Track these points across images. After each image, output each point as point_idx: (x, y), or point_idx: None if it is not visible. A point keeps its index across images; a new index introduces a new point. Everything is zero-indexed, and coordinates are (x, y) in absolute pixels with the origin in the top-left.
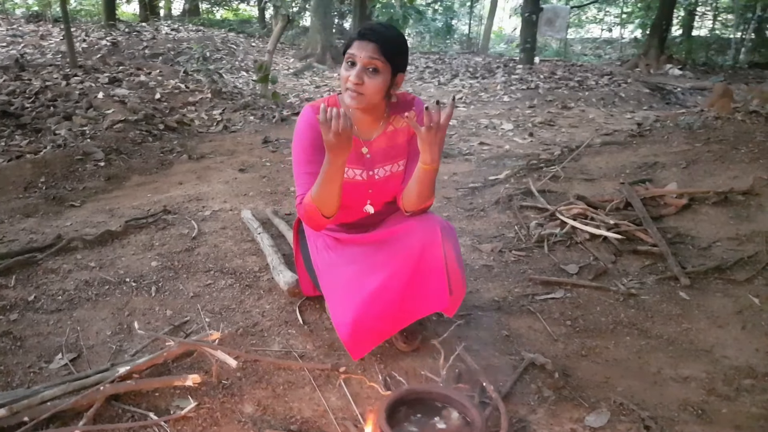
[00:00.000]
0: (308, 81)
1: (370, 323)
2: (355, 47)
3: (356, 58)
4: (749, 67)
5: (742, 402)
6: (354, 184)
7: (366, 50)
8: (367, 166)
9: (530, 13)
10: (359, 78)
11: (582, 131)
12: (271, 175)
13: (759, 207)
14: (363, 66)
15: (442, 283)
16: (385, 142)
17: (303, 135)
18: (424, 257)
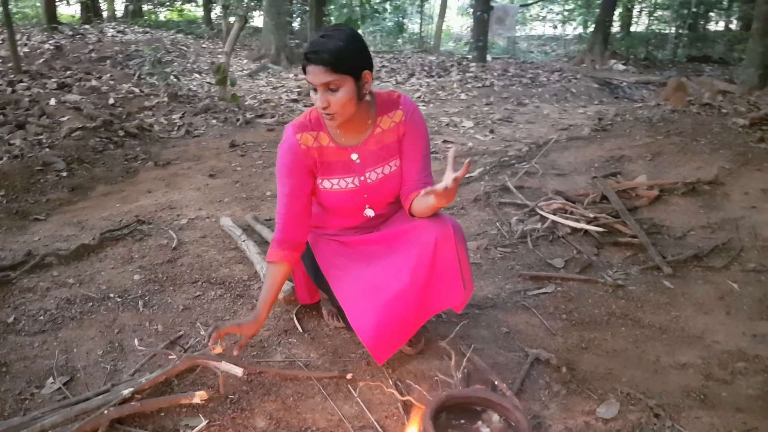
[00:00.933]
0: (264, 82)
1: (392, 326)
2: (308, 72)
3: (314, 84)
4: (687, 61)
5: (738, 385)
6: (348, 192)
7: (317, 74)
8: (358, 172)
9: (482, 12)
10: (324, 102)
11: (539, 127)
12: (244, 180)
13: (725, 196)
14: (323, 90)
15: (457, 280)
16: (374, 145)
17: (282, 158)
18: (439, 254)
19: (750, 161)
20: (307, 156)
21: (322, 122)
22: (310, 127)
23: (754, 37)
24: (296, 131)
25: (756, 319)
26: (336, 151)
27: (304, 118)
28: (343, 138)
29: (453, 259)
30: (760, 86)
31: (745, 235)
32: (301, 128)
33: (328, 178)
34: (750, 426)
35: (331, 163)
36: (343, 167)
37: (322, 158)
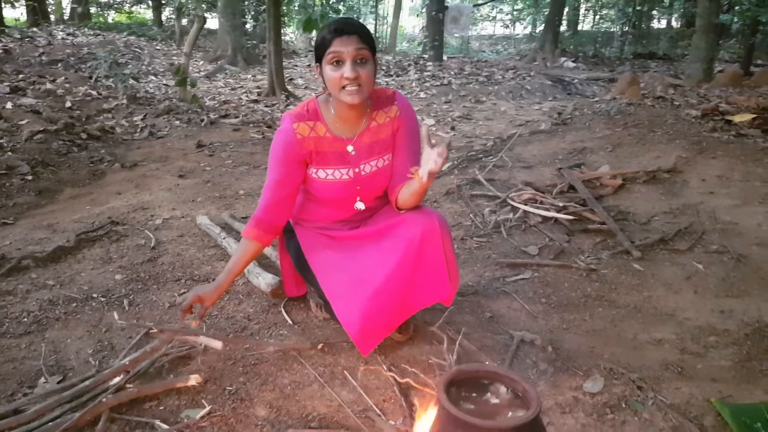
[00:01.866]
0: (222, 83)
1: (377, 318)
2: (337, 44)
3: (343, 55)
4: (634, 58)
5: (711, 357)
6: (341, 183)
7: (350, 44)
8: (353, 164)
9: (437, 12)
10: (355, 72)
11: (498, 123)
12: (215, 180)
13: (684, 183)
14: (352, 60)
15: (442, 273)
16: (369, 138)
17: (276, 145)
18: (424, 248)
19: (705, 150)
20: (302, 146)
21: (319, 112)
22: (308, 116)
23: (698, 34)
24: (293, 120)
25: (722, 297)
26: (332, 142)
27: (301, 108)
28: (340, 129)
29: (439, 253)
30: (705, 80)
31: (706, 219)
32: (299, 117)
33: (323, 168)
34: (725, 394)
35: (326, 153)
36: (338, 158)
37: (317, 148)
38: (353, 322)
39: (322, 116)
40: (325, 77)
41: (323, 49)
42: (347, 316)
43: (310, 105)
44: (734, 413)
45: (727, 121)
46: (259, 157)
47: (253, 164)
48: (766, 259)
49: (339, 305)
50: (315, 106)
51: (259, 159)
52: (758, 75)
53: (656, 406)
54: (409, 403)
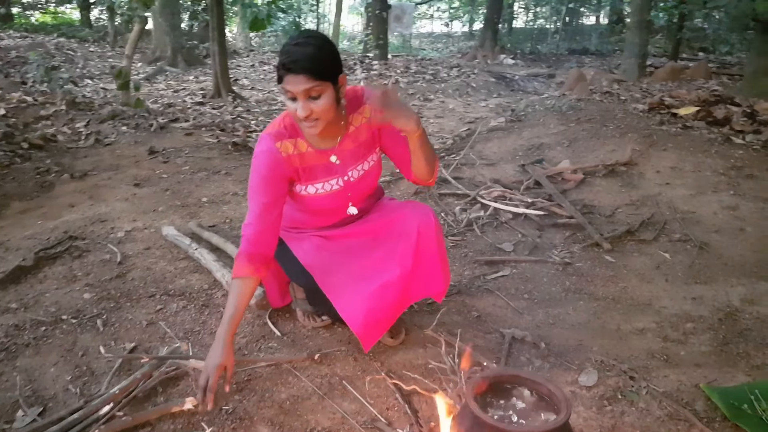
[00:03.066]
0: (164, 85)
1: (380, 314)
2: (287, 82)
3: (294, 93)
4: (569, 54)
5: (692, 343)
6: (332, 194)
7: (298, 83)
8: (340, 173)
9: (380, 10)
10: (307, 110)
11: (448, 121)
12: (174, 188)
13: (640, 175)
14: (304, 98)
15: (437, 266)
16: (351, 144)
17: (260, 167)
18: (421, 242)
19: (656, 142)
20: (289, 164)
21: (297, 128)
22: (287, 134)
23: (631, 30)
24: (275, 140)
25: (691, 284)
26: (315, 156)
27: (279, 127)
28: (320, 142)
29: (434, 247)
30: (639, 75)
31: (666, 209)
32: (279, 136)
33: (312, 184)
34: (710, 378)
35: (312, 168)
36: (325, 170)
37: (303, 164)
38: (357, 318)
39: (301, 132)
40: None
41: (279, 81)
42: (351, 313)
43: (287, 122)
44: (723, 397)
45: (673, 114)
46: (217, 162)
47: (212, 170)
48: (726, 245)
49: (342, 304)
50: (291, 122)
51: (218, 164)
52: (693, 69)
53: (650, 395)
54: (413, 410)
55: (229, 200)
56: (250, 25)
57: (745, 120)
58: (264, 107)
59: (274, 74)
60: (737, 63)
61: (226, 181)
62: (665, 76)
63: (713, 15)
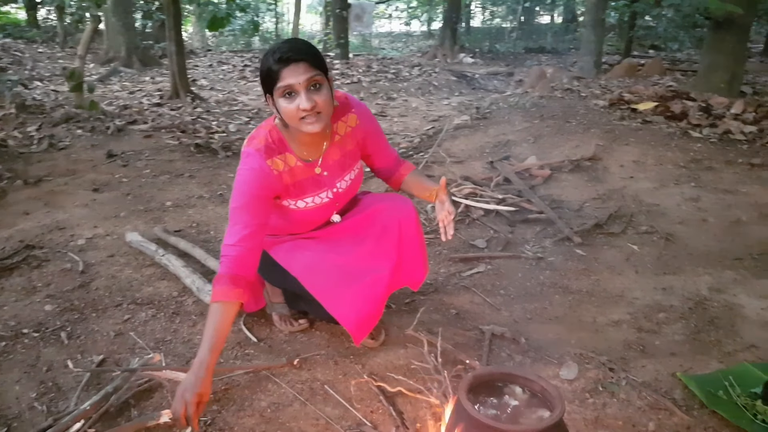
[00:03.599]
0: (118, 87)
1: (370, 308)
2: (286, 76)
3: (295, 86)
4: (526, 52)
5: (666, 333)
6: (321, 207)
7: (300, 72)
8: (329, 185)
9: (341, 10)
10: (311, 101)
11: (412, 119)
12: (135, 192)
13: (605, 169)
14: (306, 89)
15: (419, 256)
16: (336, 154)
17: (250, 185)
18: (404, 234)
19: (618, 137)
20: (279, 181)
21: (285, 142)
22: (277, 150)
23: (587, 28)
24: (266, 156)
25: (660, 274)
26: (304, 170)
27: (267, 142)
28: (306, 153)
29: (415, 237)
30: (596, 72)
31: (631, 202)
32: (270, 152)
33: (302, 198)
34: (686, 367)
35: (302, 182)
36: (313, 184)
37: (293, 180)
38: (349, 315)
39: (289, 145)
40: (280, 110)
41: (272, 81)
42: (341, 310)
43: (274, 135)
44: (699, 384)
45: (632, 110)
46: (180, 165)
47: (175, 173)
48: (690, 236)
49: (332, 303)
50: (279, 136)
51: (180, 167)
52: (648, 66)
53: (630, 386)
54: (398, 411)
55: (194, 203)
56: (208, 24)
57: (701, 114)
58: (224, 108)
59: (233, 74)
60: (687, 60)
61: (191, 184)
62: (622, 73)
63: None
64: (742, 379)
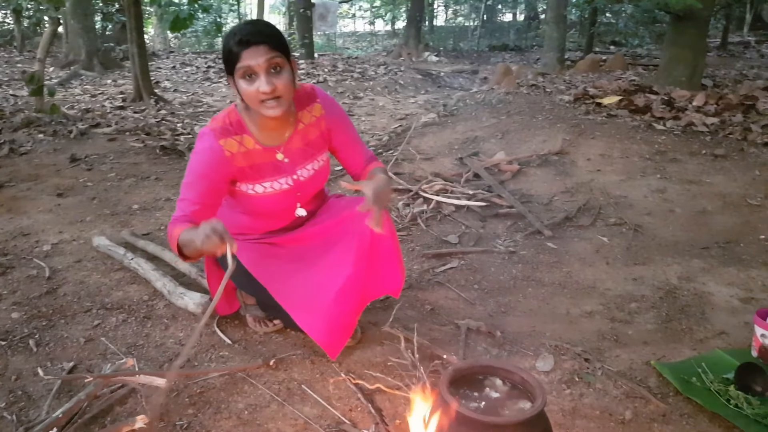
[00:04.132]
0: (80, 90)
1: (342, 320)
2: (246, 57)
3: (254, 68)
4: (489, 50)
5: (638, 323)
6: (281, 194)
7: (260, 54)
8: (289, 172)
9: (305, 9)
10: (271, 84)
11: (380, 118)
12: (101, 196)
13: (572, 163)
14: (266, 71)
15: (394, 265)
16: (299, 142)
17: (198, 164)
18: (376, 241)
19: (584, 132)
20: (231, 164)
21: (244, 125)
22: (233, 131)
23: (550, 25)
24: (219, 136)
25: (630, 265)
26: (263, 153)
27: (223, 122)
28: (267, 138)
29: (389, 243)
30: (560, 68)
31: (599, 195)
32: (224, 133)
33: (260, 183)
34: (659, 355)
35: (259, 166)
36: (273, 169)
37: (250, 162)
38: (320, 328)
39: (248, 128)
40: (240, 92)
41: (232, 63)
42: (312, 323)
43: (232, 117)
44: (673, 372)
45: (597, 104)
46: (146, 167)
47: (141, 175)
48: (658, 226)
49: (300, 315)
50: (238, 118)
51: (146, 169)
52: (611, 61)
53: (606, 376)
54: (377, 408)
55: (162, 206)
56: (170, 26)
57: (664, 107)
58: (189, 109)
59: (197, 76)
60: (648, 55)
61: (158, 187)
62: (586, 68)
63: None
64: (714, 365)
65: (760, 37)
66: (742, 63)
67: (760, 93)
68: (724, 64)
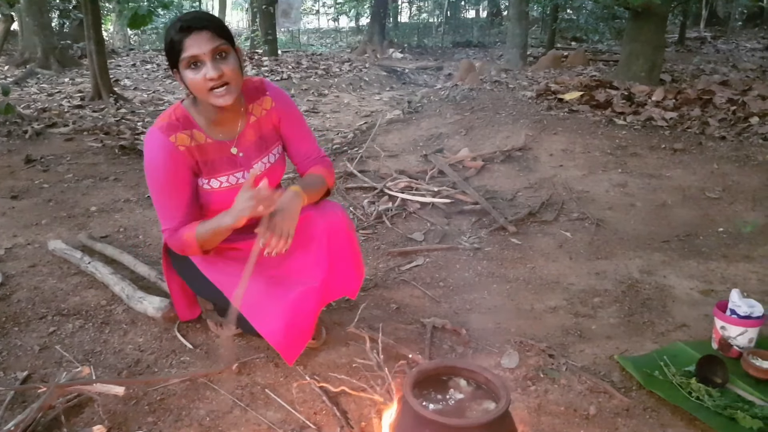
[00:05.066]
0: (36, 89)
1: (300, 325)
2: (189, 45)
3: (199, 56)
4: (453, 47)
5: (601, 317)
6: (238, 188)
7: (204, 41)
8: (245, 166)
9: (267, 5)
10: (218, 70)
11: (345, 115)
12: (57, 198)
13: (535, 159)
14: (212, 58)
15: (353, 266)
16: (253, 135)
17: (161, 164)
18: (334, 243)
19: (546, 127)
20: (189, 156)
21: (191, 119)
22: (181, 126)
23: (512, 22)
24: (167, 133)
25: (593, 259)
26: (216, 147)
27: (169, 119)
28: (218, 132)
29: (346, 246)
30: (522, 64)
31: (562, 190)
32: (171, 128)
33: (215, 177)
34: (622, 349)
35: (213, 161)
36: (228, 163)
37: (204, 157)
38: (276, 332)
39: (196, 122)
40: (187, 83)
41: (176, 53)
42: (269, 327)
43: (178, 113)
44: (636, 366)
45: (559, 100)
46: (104, 168)
47: (99, 176)
48: (620, 221)
49: (257, 318)
50: (184, 113)
51: (105, 170)
52: (572, 56)
53: (570, 371)
54: (342, 411)
55: (121, 207)
56: (129, 22)
57: (625, 102)
58: (150, 108)
59: (158, 73)
60: (608, 51)
61: (116, 188)
62: (548, 64)
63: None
64: (676, 358)
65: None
66: (699, 58)
67: (717, 88)
68: (682, 59)
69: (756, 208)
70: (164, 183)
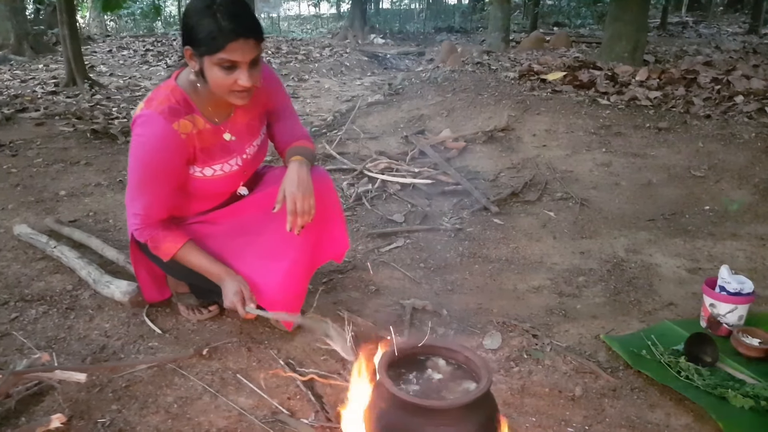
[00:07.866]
0: (9, 75)
1: (296, 288)
2: (232, 50)
3: (239, 63)
4: (435, 32)
5: (586, 296)
6: (230, 176)
7: (249, 50)
8: (238, 152)
9: None
10: (253, 80)
11: (325, 100)
12: (25, 182)
13: (518, 139)
14: (249, 65)
15: (341, 227)
16: (243, 117)
17: (158, 153)
18: (322, 205)
19: (529, 108)
20: (188, 146)
21: (191, 103)
22: (183, 111)
23: (494, 5)
24: (170, 119)
25: (577, 239)
26: (212, 133)
27: (171, 102)
28: (214, 115)
29: (334, 206)
30: (505, 48)
31: (545, 170)
32: (175, 114)
33: (210, 165)
34: (608, 329)
35: (210, 148)
36: (222, 150)
37: (202, 144)
38: (277, 301)
39: (195, 106)
40: (208, 76)
41: (212, 48)
42: (269, 296)
43: (177, 95)
44: (622, 345)
45: (542, 80)
46: (75, 152)
47: (70, 161)
48: (604, 200)
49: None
50: (183, 96)
51: (76, 154)
52: (555, 38)
53: (554, 351)
54: (317, 396)
55: (91, 192)
56: (102, 5)
57: (608, 82)
58: (126, 93)
59: (134, 59)
60: (590, 34)
61: (87, 172)
62: (530, 45)
63: None
64: (663, 337)
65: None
66: (681, 41)
67: (701, 68)
68: (665, 42)
69: (742, 186)
70: (156, 172)
